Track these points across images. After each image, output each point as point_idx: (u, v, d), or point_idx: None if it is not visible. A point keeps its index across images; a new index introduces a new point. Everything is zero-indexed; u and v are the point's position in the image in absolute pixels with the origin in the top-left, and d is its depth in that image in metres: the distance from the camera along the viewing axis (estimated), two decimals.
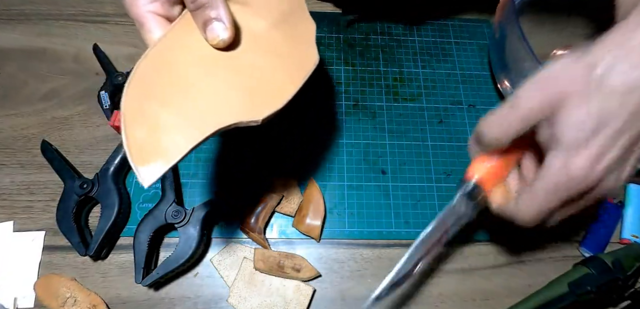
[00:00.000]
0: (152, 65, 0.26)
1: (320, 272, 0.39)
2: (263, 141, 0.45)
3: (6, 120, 0.45)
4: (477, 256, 0.41)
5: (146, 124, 0.25)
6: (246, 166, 0.43)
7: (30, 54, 0.49)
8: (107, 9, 0.53)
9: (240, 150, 0.44)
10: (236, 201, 0.41)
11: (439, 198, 0.43)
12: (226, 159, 0.44)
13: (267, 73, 0.28)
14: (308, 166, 0.44)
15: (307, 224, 0.40)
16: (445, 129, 0.47)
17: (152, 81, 0.26)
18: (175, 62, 0.27)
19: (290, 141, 0.45)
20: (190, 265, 0.39)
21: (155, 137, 0.24)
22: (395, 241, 0.41)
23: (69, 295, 0.36)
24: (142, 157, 0.24)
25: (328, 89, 0.49)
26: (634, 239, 0.41)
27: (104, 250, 0.39)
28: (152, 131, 0.25)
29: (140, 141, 0.24)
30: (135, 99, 0.25)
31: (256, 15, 0.30)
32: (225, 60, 0.28)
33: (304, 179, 0.43)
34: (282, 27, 0.30)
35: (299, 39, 0.30)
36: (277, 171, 0.43)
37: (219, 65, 0.27)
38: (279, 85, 0.28)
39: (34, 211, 0.41)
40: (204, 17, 0.26)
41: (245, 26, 0.29)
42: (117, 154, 0.41)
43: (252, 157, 0.44)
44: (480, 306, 0.39)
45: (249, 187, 0.41)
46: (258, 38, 0.29)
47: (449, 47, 0.53)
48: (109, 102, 0.44)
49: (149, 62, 0.26)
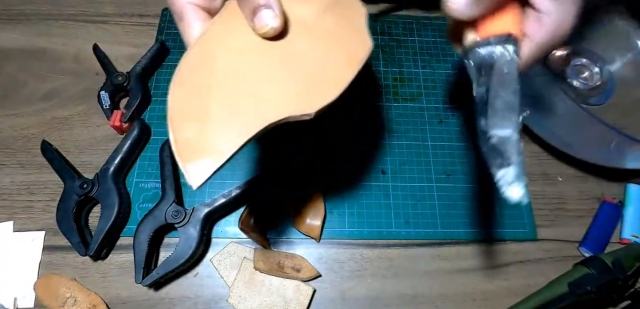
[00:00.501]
0: (196, 61, 0.25)
1: (320, 272, 0.39)
2: (264, 141, 0.45)
3: (6, 120, 0.45)
4: (477, 256, 0.41)
5: (194, 121, 0.24)
6: (246, 165, 0.43)
7: (30, 54, 0.49)
8: (107, 9, 0.53)
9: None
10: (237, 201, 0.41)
11: (439, 198, 0.43)
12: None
13: (319, 63, 0.26)
14: (307, 165, 0.44)
15: (307, 224, 0.40)
16: (445, 129, 0.47)
17: (197, 77, 0.25)
18: (221, 56, 0.25)
19: (291, 141, 0.45)
20: (190, 265, 0.39)
21: (204, 134, 0.23)
22: (395, 241, 0.41)
23: (69, 295, 0.36)
24: (191, 156, 0.23)
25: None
26: (634, 239, 0.41)
27: (104, 250, 0.39)
28: (200, 129, 0.23)
29: (189, 139, 0.23)
30: (181, 97, 0.24)
31: (304, 1, 0.28)
32: (274, 51, 0.26)
33: (304, 179, 0.43)
34: (332, 12, 0.28)
35: (350, 24, 0.28)
36: (276, 170, 0.43)
37: (267, 57, 0.26)
38: (331, 75, 0.26)
39: (34, 211, 0.41)
40: (252, 5, 0.25)
41: (293, 14, 0.27)
42: (117, 154, 0.41)
43: (252, 156, 0.44)
44: (480, 306, 0.39)
45: (250, 188, 0.41)
46: (307, 26, 0.27)
47: (449, 47, 0.53)
48: (109, 102, 0.44)
49: (193, 58, 0.25)
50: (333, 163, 0.44)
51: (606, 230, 0.42)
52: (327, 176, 0.43)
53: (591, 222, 0.43)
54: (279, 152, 0.44)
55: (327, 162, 0.44)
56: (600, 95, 0.47)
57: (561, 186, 0.45)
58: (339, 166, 0.44)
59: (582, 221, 0.43)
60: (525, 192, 0.22)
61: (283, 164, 0.44)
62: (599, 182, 0.45)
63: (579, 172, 0.46)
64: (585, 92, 0.47)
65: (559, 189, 0.45)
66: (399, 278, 0.40)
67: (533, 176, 0.45)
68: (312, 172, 0.43)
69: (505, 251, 0.41)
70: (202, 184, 0.22)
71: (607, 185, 0.45)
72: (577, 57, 0.49)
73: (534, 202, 0.43)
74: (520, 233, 0.42)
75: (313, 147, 0.44)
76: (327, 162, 0.44)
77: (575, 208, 0.44)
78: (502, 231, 0.42)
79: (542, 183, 0.45)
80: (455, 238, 0.41)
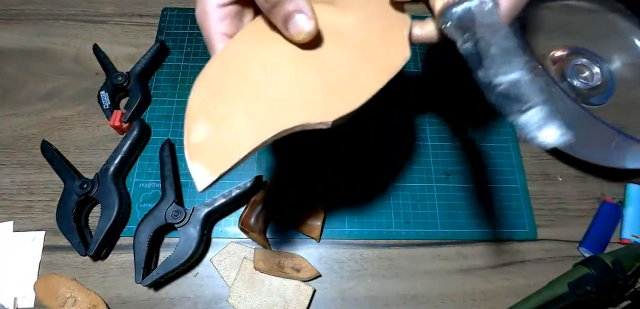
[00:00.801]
0: (221, 66, 0.25)
1: (320, 272, 0.39)
2: None
3: (6, 120, 0.45)
4: (477, 256, 0.41)
5: (209, 122, 0.23)
6: (246, 165, 0.43)
7: (30, 54, 0.49)
8: (107, 9, 0.53)
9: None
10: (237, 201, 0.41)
11: (438, 198, 0.43)
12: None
13: (346, 71, 0.25)
14: (308, 165, 0.44)
15: (307, 224, 0.40)
16: (445, 129, 0.47)
17: (221, 82, 0.24)
18: (247, 64, 0.25)
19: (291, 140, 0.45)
20: (190, 265, 0.39)
21: (217, 136, 0.23)
22: (395, 241, 0.41)
23: (69, 295, 0.36)
24: (200, 156, 0.22)
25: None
26: (634, 239, 0.41)
27: (104, 250, 0.39)
28: (215, 130, 0.23)
29: (201, 139, 0.23)
30: (201, 97, 0.24)
31: (343, 12, 0.27)
32: (301, 62, 0.25)
33: (304, 179, 0.43)
34: (371, 23, 0.27)
35: (389, 35, 0.26)
36: (277, 171, 0.43)
37: (294, 67, 0.25)
38: (357, 84, 0.25)
39: (34, 211, 0.41)
40: (284, 12, 0.24)
41: (329, 23, 0.26)
42: (117, 154, 0.41)
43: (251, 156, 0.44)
44: (480, 306, 0.39)
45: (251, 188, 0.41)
46: (342, 36, 0.26)
47: (449, 47, 0.53)
48: (109, 102, 0.44)
49: (218, 62, 0.25)
50: (333, 164, 0.44)
51: (606, 230, 0.42)
52: (327, 176, 0.43)
53: (591, 223, 0.43)
54: (283, 156, 0.44)
55: (327, 162, 0.44)
56: (600, 95, 0.47)
57: (561, 186, 0.45)
58: (339, 167, 0.44)
59: (582, 221, 0.43)
60: (563, 131, 0.19)
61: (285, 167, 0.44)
62: (599, 182, 0.45)
63: (579, 172, 0.46)
64: (585, 92, 0.47)
65: (559, 189, 0.45)
66: (399, 278, 0.40)
67: (533, 176, 0.45)
68: (312, 173, 0.43)
69: (505, 251, 0.41)
70: (209, 186, 0.22)
71: (607, 185, 0.45)
72: (577, 57, 0.49)
73: (534, 202, 0.43)
74: (520, 233, 0.42)
75: (324, 154, 0.44)
76: (327, 163, 0.44)
77: (575, 208, 0.44)
78: (502, 231, 0.42)
79: (542, 183, 0.45)
80: (455, 238, 0.41)
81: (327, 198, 0.42)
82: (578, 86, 0.47)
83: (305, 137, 0.45)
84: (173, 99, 0.47)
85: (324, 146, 0.45)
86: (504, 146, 0.46)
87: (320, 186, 0.42)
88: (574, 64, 0.49)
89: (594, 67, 0.49)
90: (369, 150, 0.45)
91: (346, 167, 0.44)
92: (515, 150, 0.46)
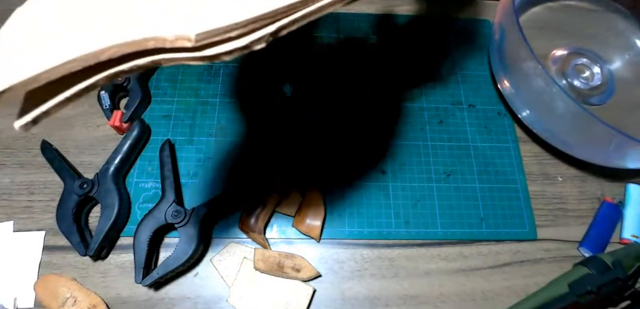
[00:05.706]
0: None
1: (320, 272, 0.39)
2: (263, 142, 0.45)
3: (6, 120, 0.45)
4: (477, 256, 0.41)
5: (21, 38, 0.18)
6: (246, 166, 0.43)
7: None
8: None
9: (240, 150, 0.44)
10: (237, 201, 0.41)
11: (439, 198, 0.43)
12: (226, 159, 0.44)
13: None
14: (308, 166, 0.44)
15: (307, 224, 0.40)
16: (445, 129, 0.47)
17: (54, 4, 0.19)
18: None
19: (291, 141, 0.45)
20: (190, 265, 0.39)
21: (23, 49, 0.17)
22: (395, 241, 0.41)
23: (69, 295, 0.36)
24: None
25: (327, 89, 0.49)
26: (634, 239, 0.41)
27: (104, 250, 0.39)
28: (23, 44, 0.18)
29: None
30: (25, 13, 0.19)
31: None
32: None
33: (304, 179, 0.43)
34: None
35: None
36: (277, 171, 0.43)
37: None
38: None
39: (34, 211, 0.41)
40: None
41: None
42: (117, 154, 0.41)
43: (251, 157, 0.44)
44: (480, 306, 0.39)
45: (249, 187, 0.41)
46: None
47: (449, 47, 0.53)
48: (109, 102, 0.44)
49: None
50: (333, 163, 0.44)
51: (606, 230, 0.42)
52: (327, 176, 0.43)
53: (591, 223, 0.43)
54: (283, 155, 0.44)
55: (327, 162, 0.44)
56: (600, 95, 0.47)
57: (561, 186, 0.45)
58: (339, 166, 0.44)
59: (582, 221, 0.43)
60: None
61: (284, 161, 0.44)
62: (599, 182, 0.45)
63: (579, 172, 0.46)
64: (585, 92, 0.47)
65: (559, 189, 0.45)
66: (399, 278, 0.40)
67: (533, 176, 0.45)
68: (312, 173, 0.43)
69: (505, 251, 0.41)
70: (23, 122, 0.17)
71: (607, 185, 0.45)
72: (577, 57, 0.49)
73: (534, 202, 0.43)
74: (520, 233, 0.42)
75: (324, 154, 0.44)
76: (327, 163, 0.44)
77: (575, 208, 0.44)
78: (502, 231, 0.42)
79: (542, 183, 0.45)
80: (455, 238, 0.41)
81: (327, 198, 0.42)
82: (578, 86, 0.47)
83: (305, 136, 0.45)
84: (173, 99, 0.47)
85: (324, 146, 0.45)
86: (504, 146, 0.46)
87: (320, 185, 0.42)
88: (574, 64, 0.49)
89: (594, 67, 0.49)
90: (369, 150, 0.45)
91: (346, 167, 0.44)
92: (516, 150, 0.46)
